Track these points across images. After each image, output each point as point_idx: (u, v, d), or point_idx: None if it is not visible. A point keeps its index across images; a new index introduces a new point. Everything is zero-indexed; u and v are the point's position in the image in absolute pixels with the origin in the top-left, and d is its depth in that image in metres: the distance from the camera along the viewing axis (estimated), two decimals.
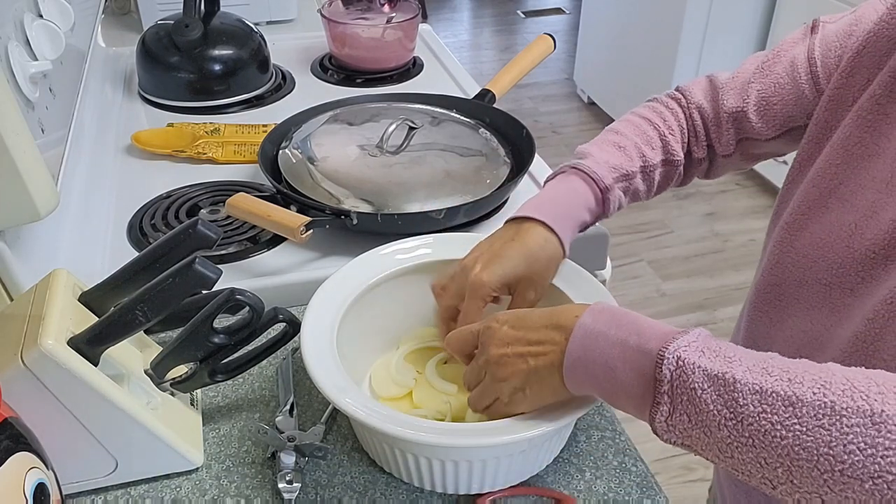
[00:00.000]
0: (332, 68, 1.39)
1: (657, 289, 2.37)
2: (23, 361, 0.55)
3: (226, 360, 0.66)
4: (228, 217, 0.93)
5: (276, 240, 0.91)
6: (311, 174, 0.94)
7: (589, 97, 3.42)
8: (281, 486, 0.62)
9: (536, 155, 0.99)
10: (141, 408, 0.61)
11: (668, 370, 0.46)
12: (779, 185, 0.77)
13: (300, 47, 1.47)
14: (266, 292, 0.71)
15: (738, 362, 0.45)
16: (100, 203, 0.98)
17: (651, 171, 0.73)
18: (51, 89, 0.87)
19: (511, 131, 1.05)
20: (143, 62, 1.24)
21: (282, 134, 1.03)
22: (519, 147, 1.02)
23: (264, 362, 0.70)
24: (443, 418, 0.68)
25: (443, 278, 0.69)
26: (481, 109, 1.09)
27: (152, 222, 0.94)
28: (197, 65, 1.21)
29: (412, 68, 1.40)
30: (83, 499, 0.63)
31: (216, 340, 0.63)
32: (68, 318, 0.60)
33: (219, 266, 0.60)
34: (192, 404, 0.70)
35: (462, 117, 1.06)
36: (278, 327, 0.66)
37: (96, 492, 0.64)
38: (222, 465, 0.66)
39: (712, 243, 2.57)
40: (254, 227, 0.91)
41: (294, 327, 0.66)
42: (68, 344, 0.58)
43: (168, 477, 0.65)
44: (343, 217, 0.86)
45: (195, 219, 0.64)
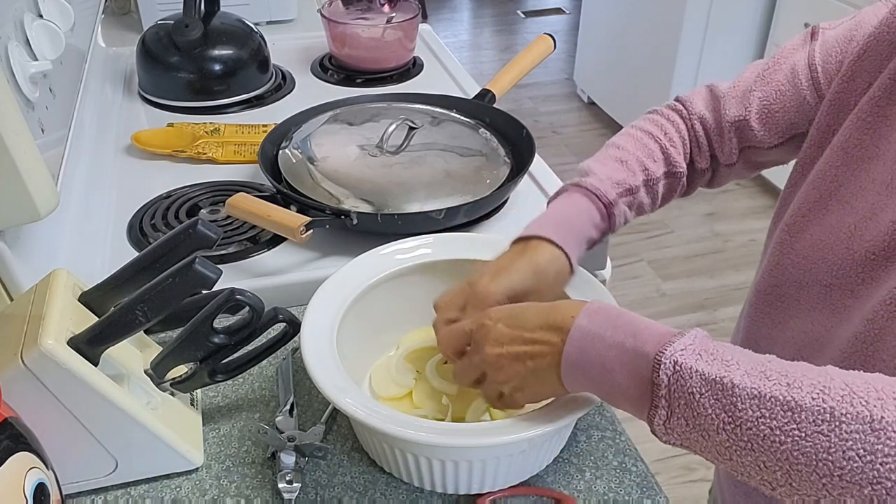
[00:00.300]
0: (332, 68, 1.39)
1: (657, 289, 2.37)
2: (23, 361, 0.56)
3: (226, 360, 0.66)
4: (228, 217, 0.93)
5: (276, 240, 0.91)
6: (311, 174, 0.94)
7: (589, 97, 3.42)
8: (281, 486, 0.62)
9: (536, 155, 0.99)
10: (141, 408, 0.61)
11: (666, 375, 0.46)
12: (779, 185, 0.77)
13: (300, 47, 1.47)
14: (266, 292, 0.71)
15: (735, 366, 0.44)
16: (100, 203, 0.98)
17: (654, 184, 0.72)
18: (51, 89, 0.87)
19: (511, 131, 1.04)
20: (143, 62, 1.24)
21: (282, 134, 1.03)
22: (519, 147, 1.02)
23: (264, 362, 0.70)
24: (443, 418, 0.68)
25: (447, 294, 0.67)
26: (481, 109, 1.09)
27: (152, 222, 0.94)
28: (197, 65, 1.21)
29: (412, 68, 1.40)
30: (83, 499, 0.63)
31: (216, 340, 0.63)
32: (68, 318, 0.60)
33: (219, 266, 0.60)
34: (192, 404, 0.70)
35: (462, 117, 1.06)
36: (278, 327, 0.66)
37: (96, 492, 0.64)
38: (222, 465, 0.66)
39: (712, 243, 2.57)
40: (254, 227, 0.91)
41: (294, 327, 0.66)
42: (68, 344, 0.58)
43: (168, 477, 0.65)
44: (343, 217, 0.86)
45: (195, 219, 0.64)
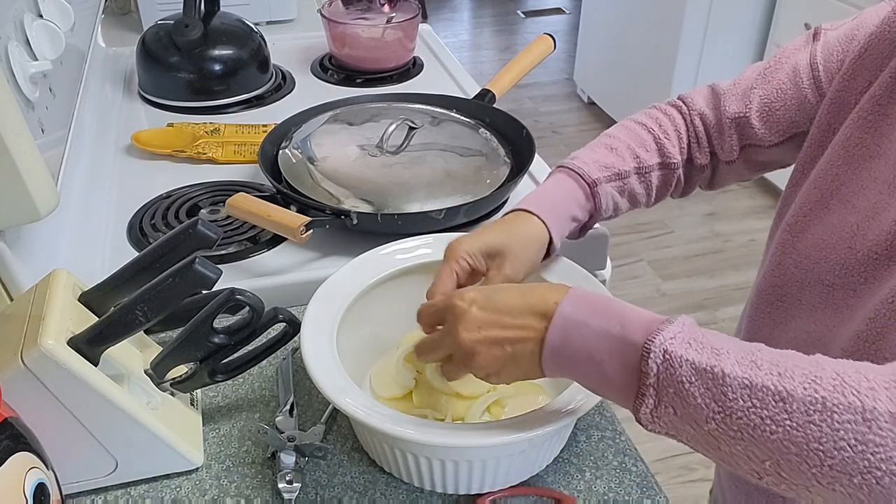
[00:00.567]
0: (332, 68, 1.39)
1: (657, 289, 2.37)
2: (23, 361, 0.55)
3: (226, 360, 0.66)
4: (228, 217, 0.93)
5: (276, 240, 0.91)
6: (311, 174, 0.94)
7: (589, 97, 3.42)
8: (281, 486, 0.62)
9: (536, 155, 0.99)
10: (141, 408, 0.61)
11: (655, 363, 0.45)
12: (779, 185, 0.77)
13: (300, 47, 1.47)
14: (266, 292, 0.70)
15: (726, 354, 0.44)
16: (100, 203, 0.98)
17: (647, 174, 0.73)
18: (51, 89, 0.87)
19: (511, 131, 1.04)
20: (143, 62, 1.24)
21: (282, 134, 1.03)
22: (519, 147, 1.02)
23: (264, 362, 0.70)
24: (443, 418, 0.68)
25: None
26: (481, 109, 1.09)
27: (152, 222, 0.94)
28: (197, 65, 1.21)
29: (412, 68, 1.40)
30: (83, 499, 0.63)
31: (216, 340, 0.63)
32: (68, 318, 0.60)
33: (219, 266, 0.60)
34: (192, 404, 0.70)
35: (462, 117, 1.06)
36: (278, 327, 0.66)
37: (96, 492, 0.64)
38: (222, 465, 0.66)
39: (712, 243, 2.57)
40: (254, 227, 0.91)
41: (294, 327, 0.66)
42: (68, 344, 0.58)
43: (168, 477, 0.65)
44: (343, 217, 0.86)
45: (195, 219, 0.64)
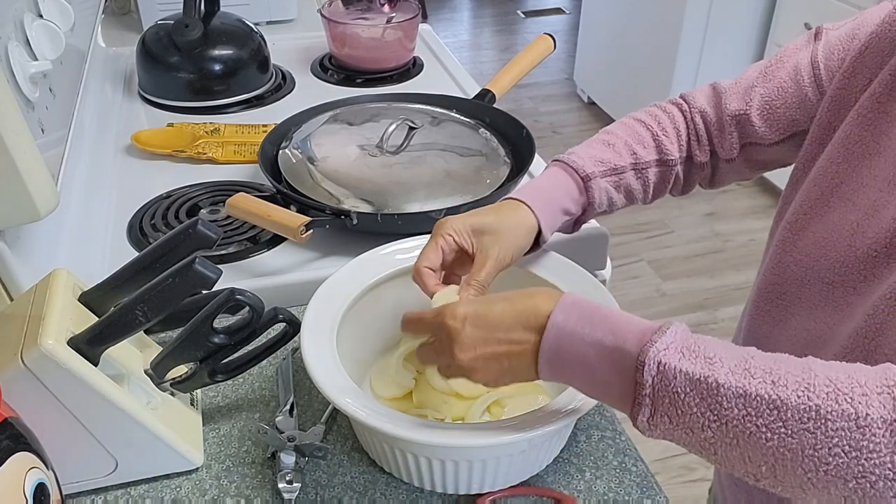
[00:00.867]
0: (332, 68, 1.39)
1: (657, 289, 2.37)
2: (23, 361, 0.55)
3: (226, 360, 0.66)
4: (228, 217, 0.93)
5: (276, 240, 0.91)
6: (311, 174, 0.94)
7: (589, 97, 3.42)
8: (281, 486, 0.62)
9: (536, 155, 0.99)
10: (141, 408, 0.61)
11: (650, 375, 0.46)
12: (779, 184, 0.77)
13: (300, 47, 1.47)
14: (266, 292, 0.71)
15: (719, 363, 0.45)
16: (100, 203, 0.98)
17: (644, 170, 0.73)
18: (51, 89, 0.87)
19: (511, 131, 1.04)
20: (143, 62, 1.24)
21: (282, 134, 1.03)
22: (519, 147, 1.02)
23: (264, 362, 0.70)
24: (443, 418, 0.68)
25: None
26: (481, 109, 1.09)
27: (152, 222, 0.94)
28: (197, 65, 1.21)
29: (412, 68, 1.40)
30: (83, 499, 0.63)
31: (216, 340, 0.63)
32: (68, 318, 0.60)
33: (219, 266, 0.60)
34: (192, 404, 0.70)
35: (462, 117, 1.06)
36: (278, 327, 0.66)
37: (96, 492, 0.64)
38: (222, 465, 0.66)
39: (712, 243, 2.57)
40: (254, 227, 0.91)
41: (294, 327, 0.66)
42: (68, 344, 0.58)
43: (168, 477, 0.65)
44: (343, 217, 0.86)
45: (195, 219, 0.64)
